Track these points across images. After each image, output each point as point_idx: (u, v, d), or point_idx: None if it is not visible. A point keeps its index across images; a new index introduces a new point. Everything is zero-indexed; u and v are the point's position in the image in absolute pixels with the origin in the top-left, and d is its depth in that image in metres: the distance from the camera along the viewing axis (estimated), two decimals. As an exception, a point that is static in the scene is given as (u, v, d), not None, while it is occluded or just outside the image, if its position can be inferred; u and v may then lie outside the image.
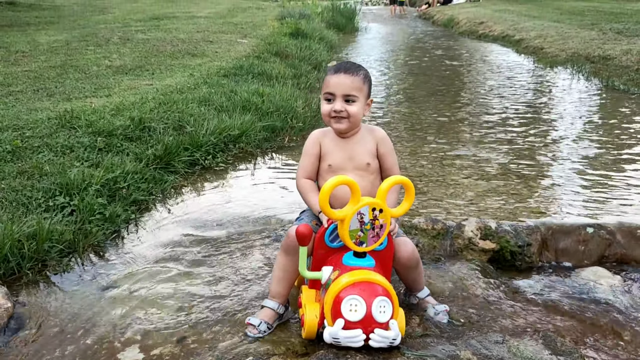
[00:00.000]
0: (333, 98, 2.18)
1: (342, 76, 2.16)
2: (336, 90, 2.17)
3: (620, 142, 4.60)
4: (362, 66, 2.26)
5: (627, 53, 8.09)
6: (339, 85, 2.16)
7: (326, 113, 2.21)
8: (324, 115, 2.23)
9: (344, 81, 2.16)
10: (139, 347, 2.05)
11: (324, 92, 2.21)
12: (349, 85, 2.16)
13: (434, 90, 7.17)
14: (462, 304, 2.35)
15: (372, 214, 1.94)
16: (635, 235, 2.80)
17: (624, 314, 2.34)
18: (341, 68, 2.19)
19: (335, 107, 2.18)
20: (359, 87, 2.18)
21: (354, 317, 1.85)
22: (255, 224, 3.13)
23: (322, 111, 2.24)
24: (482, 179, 3.71)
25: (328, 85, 2.19)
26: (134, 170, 3.37)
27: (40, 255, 2.50)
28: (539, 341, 2.04)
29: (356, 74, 2.18)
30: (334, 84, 2.17)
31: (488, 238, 2.75)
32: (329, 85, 2.19)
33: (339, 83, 2.16)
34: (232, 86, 5.56)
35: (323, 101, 2.23)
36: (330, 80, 2.18)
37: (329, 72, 2.22)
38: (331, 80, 2.18)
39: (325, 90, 2.20)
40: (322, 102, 2.24)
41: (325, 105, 2.22)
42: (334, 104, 2.18)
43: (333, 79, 2.18)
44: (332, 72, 2.20)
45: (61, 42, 8.55)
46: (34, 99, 4.94)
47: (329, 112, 2.19)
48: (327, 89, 2.19)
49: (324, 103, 2.23)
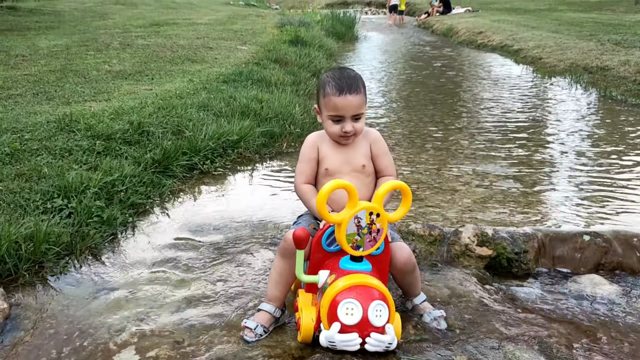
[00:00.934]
0: (342, 119, 2.17)
1: (349, 98, 2.12)
2: (345, 113, 2.15)
3: (617, 152, 4.62)
4: (356, 72, 2.24)
5: (624, 64, 8.14)
6: (348, 108, 2.14)
7: (336, 133, 2.19)
8: (333, 135, 2.21)
9: (351, 102, 2.13)
10: (134, 349, 2.05)
11: (331, 114, 2.16)
12: (355, 105, 2.15)
13: (432, 99, 7.20)
14: (458, 310, 2.35)
15: (369, 218, 1.95)
16: (632, 244, 2.81)
17: (620, 321, 2.35)
18: (344, 87, 2.13)
19: (346, 128, 2.16)
20: (364, 101, 2.19)
21: (350, 321, 1.86)
22: (252, 228, 3.13)
23: (329, 131, 2.21)
24: (480, 187, 3.72)
25: (336, 108, 2.14)
26: (132, 174, 3.38)
27: (37, 257, 2.50)
28: (535, 347, 2.05)
29: (359, 90, 2.16)
30: (342, 106, 2.13)
31: (485, 244, 2.75)
32: (337, 108, 2.14)
33: (347, 105, 2.13)
34: (231, 92, 5.57)
35: (328, 121, 2.19)
36: (337, 103, 2.13)
37: (330, 88, 2.15)
38: (338, 102, 2.13)
39: (333, 112, 2.15)
40: (326, 120, 2.20)
41: (333, 126, 2.18)
42: (343, 124, 2.16)
43: (340, 101, 2.13)
44: (335, 92, 2.13)
45: (61, 47, 8.58)
46: (33, 103, 4.95)
47: (339, 132, 2.18)
48: (336, 112, 2.15)
49: (330, 123, 2.19)
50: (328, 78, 2.19)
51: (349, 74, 2.20)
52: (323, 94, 2.18)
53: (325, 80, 2.19)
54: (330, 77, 2.19)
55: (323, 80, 2.21)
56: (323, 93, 2.18)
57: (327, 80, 2.18)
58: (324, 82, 2.20)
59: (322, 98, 2.20)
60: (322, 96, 2.20)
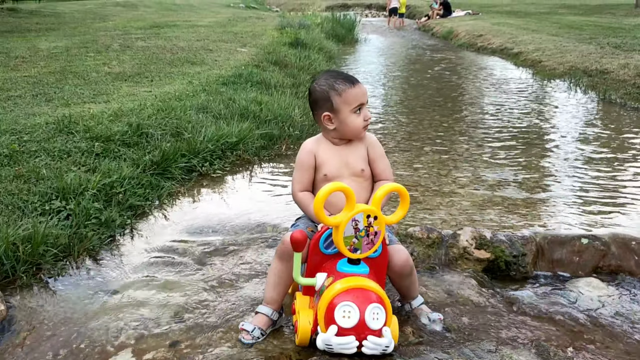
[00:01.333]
0: (361, 108, 2.21)
1: (359, 86, 2.21)
2: (363, 99, 2.21)
3: (615, 156, 4.62)
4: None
5: (624, 67, 8.14)
6: (363, 95, 2.21)
7: (361, 125, 2.22)
8: (358, 128, 2.22)
9: (363, 90, 2.22)
10: (131, 351, 2.05)
11: (354, 106, 2.18)
12: (365, 92, 2.24)
13: (432, 102, 7.20)
14: (456, 313, 2.35)
15: (367, 220, 1.95)
16: (630, 247, 2.81)
17: (617, 324, 2.34)
18: (351, 78, 2.22)
19: (366, 115, 2.23)
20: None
21: (347, 324, 1.86)
22: (250, 230, 3.14)
23: (353, 126, 2.21)
24: (478, 190, 3.72)
25: (357, 98, 2.18)
26: (130, 176, 3.38)
27: (35, 258, 2.50)
28: (532, 350, 2.05)
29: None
30: (361, 94, 2.20)
31: (483, 248, 2.75)
32: (357, 97, 2.18)
33: (362, 92, 2.21)
34: (231, 94, 5.58)
35: (351, 114, 2.19)
36: (357, 92, 2.18)
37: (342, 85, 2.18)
38: (358, 92, 2.19)
39: (356, 103, 2.18)
40: (349, 117, 2.19)
41: (356, 118, 2.20)
42: (364, 112, 2.21)
43: (356, 90, 2.19)
44: (349, 85, 2.18)
45: (61, 49, 8.58)
46: (32, 104, 4.95)
47: (362, 123, 2.22)
48: (358, 101, 2.19)
49: (354, 117, 2.19)
50: (330, 79, 2.21)
51: (339, 71, 2.30)
52: (337, 93, 2.18)
53: (329, 83, 2.20)
54: (330, 78, 2.21)
55: (325, 85, 2.20)
56: (337, 93, 2.18)
57: (331, 82, 2.20)
58: (329, 86, 2.19)
59: (337, 98, 2.18)
60: (336, 96, 2.18)
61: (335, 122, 2.22)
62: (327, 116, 2.22)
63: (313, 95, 2.25)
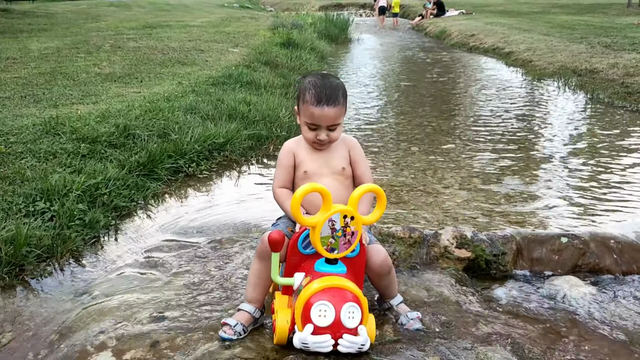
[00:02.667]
0: (317, 128, 2.20)
1: (326, 110, 2.15)
2: (321, 123, 2.18)
3: (600, 155, 4.66)
4: (338, 82, 2.24)
5: (613, 67, 8.19)
6: (324, 119, 2.17)
7: (310, 139, 2.23)
8: (307, 140, 2.25)
9: (327, 114, 2.16)
10: (111, 351, 2.06)
11: (308, 122, 2.20)
12: (332, 117, 2.17)
13: (421, 102, 7.23)
14: (435, 311, 2.37)
15: (344, 221, 1.97)
16: (608, 246, 2.84)
17: (595, 322, 2.37)
18: (322, 98, 2.15)
19: (320, 137, 2.20)
20: (341, 113, 2.21)
21: (322, 323, 1.88)
22: (235, 231, 3.16)
23: (305, 135, 2.25)
24: (463, 189, 3.75)
25: (312, 117, 2.17)
26: (116, 177, 3.39)
27: (18, 260, 2.51)
28: (507, 348, 2.07)
29: (337, 102, 2.17)
30: (319, 117, 2.16)
31: (464, 247, 2.78)
32: (313, 117, 2.17)
33: (323, 116, 2.16)
34: (220, 95, 5.59)
35: (305, 126, 2.22)
36: (314, 113, 2.16)
37: (309, 96, 2.16)
38: (315, 112, 2.16)
39: (310, 120, 2.19)
40: (303, 125, 2.24)
41: (309, 132, 2.22)
42: (318, 132, 2.20)
43: (317, 111, 2.15)
44: (313, 102, 2.15)
45: (52, 49, 8.57)
46: (20, 105, 4.95)
47: (313, 139, 2.22)
48: (312, 120, 2.18)
49: (306, 129, 2.22)
50: (309, 85, 2.20)
51: (330, 84, 2.20)
52: (302, 100, 2.20)
53: (307, 87, 2.20)
54: (311, 84, 2.20)
55: (304, 85, 2.22)
56: (303, 99, 2.20)
57: (307, 87, 2.19)
58: (304, 88, 2.21)
59: (301, 103, 2.22)
60: (301, 101, 2.22)
61: (299, 120, 2.29)
62: (296, 111, 2.31)
63: (300, 85, 2.29)
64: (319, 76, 2.25)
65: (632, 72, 7.72)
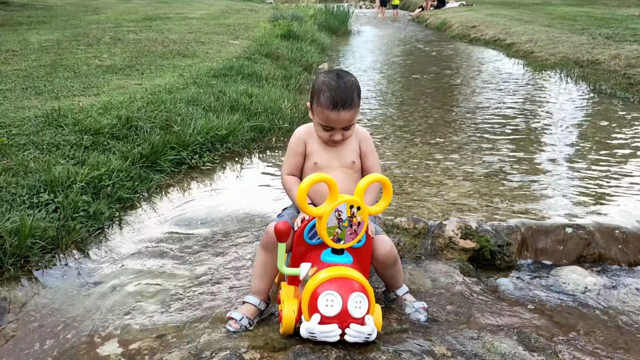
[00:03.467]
0: (332, 129, 2.19)
1: (342, 114, 2.13)
2: (337, 125, 2.17)
3: (603, 146, 4.65)
4: (353, 81, 2.19)
5: (615, 58, 8.17)
6: (339, 122, 2.16)
7: (325, 138, 2.23)
8: (321, 138, 2.24)
9: (343, 118, 2.14)
10: (117, 341, 2.07)
11: (322, 124, 2.18)
12: (347, 120, 2.16)
13: (423, 93, 7.22)
14: (440, 302, 2.38)
15: (350, 211, 1.96)
16: (613, 236, 2.84)
17: (600, 312, 2.38)
18: (338, 102, 2.11)
19: (335, 138, 2.20)
20: (356, 113, 2.19)
21: (330, 312, 1.88)
22: (239, 222, 3.15)
23: (318, 134, 2.24)
24: (466, 180, 3.75)
25: (327, 120, 2.15)
26: (119, 169, 3.38)
27: (22, 251, 2.51)
28: (514, 337, 2.07)
29: (352, 104, 2.14)
30: (334, 120, 2.15)
31: (468, 237, 2.78)
32: (328, 120, 2.15)
33: (338, 120, 2.15)
34: (222, 86, 5.57)
35: (318, 126, 2.21)
36: (329, 117, 2.14)
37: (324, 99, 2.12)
38: (330, 117, 2.14)
39: (325, 123, 2.17)
40: (316, 124, 2.22)
41: (323, 132, 2.21)
42: (332, 133, 2.19)
43: (332, 116, 2.13)
44: (329, 106, 2.12)
45: (52, 42, 8.54)
46: (22, 97, 4.94)
47: (328, 138, 2.21)
48: (327, 123, 2.17)
49: (320, 129, 2.21)
50: (324, 86, 2.15)
51: (345, 84, 2.15)
52: (317, 101, 2.17)
53: (321, 88, 2.15)
54: (326, 86, 2.14)
55: (319, 86, 2.17)
56: (317, 101, 2.17)
57: (322, 89, 2.15)
58: (319, 89, 2.16)
59: (315, 104, 2.19)
60: (315, 103, 2.18)
61: (312, 116, 2.27)
62: (309, 107, 2.27)
63: (314, 83, 2.25)
64: (334, 76, 2.18)
65: (633, 63, 7.70)
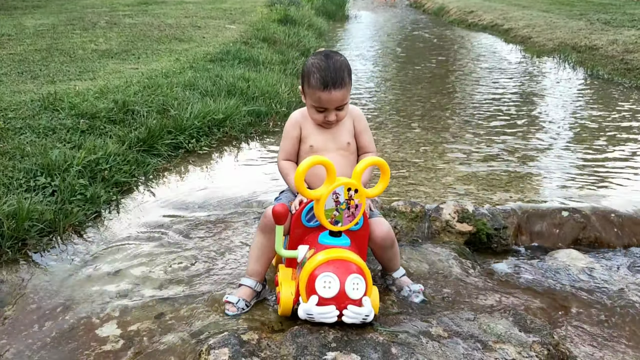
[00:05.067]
0: (325, 110, 2.18)
1: (333, 93, 2.12)
2: (329, 106, 2.16)
3: (600, 131, 4.66)
4: (342, 60, 2.19)
5: (612, 43, 8.15)
6: (332, 102, 2.15)
7: (319, 120, 2.22)
8: (315, 121, 2.24)
9: (335, 97, 2.14)
10: (116, 323, 2.08)
11: (315, 105, 2.18)
12: (339, 99, 2.16)
13: (421, 78, 7.20)
14: (437, 284, 2.39)
15: (348, 193, 1.97)
16: (609, 219, 2.86)
17: (595, 294, 2.40)
18: (329, 82, 2.11)
19: (329, 118, 2.20)
20: (348, 92, 2.19)
21: (327, 294, 1.89)
22: (236, 206, 3.16)
23: (312, 117, 2.24)
24: (463, 164, 3.75)
25: (320, 101, 2.15)
26: (116, 152, 3.38)
27: (20, 234, 2.51)
28: (510, 319, 2.09)
29: (343, 84, 2.14)
30: (327, 101, 2.14)
31: (465, 221, 2.79)
32: (320, 101, 2.15)
33: (330, 100, 2.14)
34: (218, 71, 5.55)
35: (312, 108, 2.21)
36: (321, 97, 2.13)
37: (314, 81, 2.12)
38: (322, 97, 2.13)
39: (317, 104, 2.17)
40: (310, 107, 2.22)
41: (317, 114, 2.21)
42: (326, 114, 2.19)
43: (324, 96, 2.13)
44: (320, 87, 2.11)
45: (47, 26, 8.47)
46: (17, 82, 4.91)
47: (322, 120, 2.21)
48: (319, 104, 2.16)
49: (314, 111, 2.21)
50: (314, 68, 2.15)
51: (334, 65, 2.15)
52: (308, 83, 2.17)
53: (311, 70, 2.16)
54: (316, 67, 2.15)
55: (308, 68, 2.18)
56: (308, 83, 2.17)
57: (312, 70, 2.15)
58: (309, 71, 2.16)
59: (306, 87, 2.19)
60: (306, 85, 2.18)
61: (304, 100, 2.27)
62: (301, 91, 2.27)
63: (304, 66, 2.25)
64: (323, 57, 2.18)
65: (631, 48, 7.69)
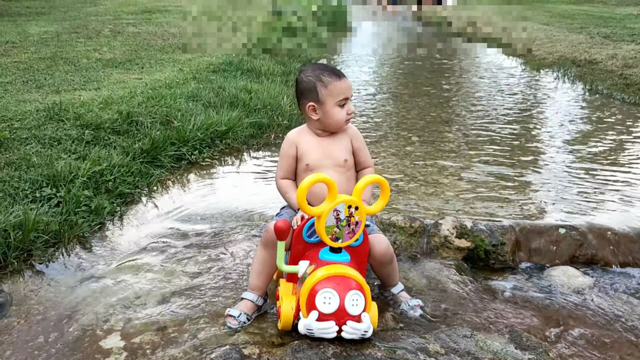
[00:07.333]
0: (345, 101, 2.29)
1: (345, 80, 2.29)
2: (348, 93, 2.29)
3: (599, 147, 4.70)
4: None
5: (612, 57, 8.21)
6: (348, 89, 2.30)
7: (343, 118, 2.31)
8: (341, 121, 2.31)
9: (348, 84, 2.31)
10: (120, 335, 2.12)
11: (339, 99, 2.27)
12: (350, 86, 2.32)
13: (421, 91, 7.25)
14: (435, 300, 2.43)
15: (348, 211, 2.01)
16: (606, 237, 2.90)
17: (591, 312, 2.43)
18: (338, 72, 2.29)
19: (350, 109, 2.31)
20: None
21: (327, 310, 1.93)
22: (238, 218, 3.20)
23: (337, 118, 2.30)
24: (463, 180, 3.79)
25: (342, 91, 2.27)
26: (120, 164, 3.42)
27: (25, 245, 2.55)
28: (506, 336, 2.13)
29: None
30: (346, 88, 2.29)
31: (463, 237, 2.83)
32: (343, 90, 2.27)
33: (347, 87, 2.30)
34: (221, 82, 5.61)
35: (335, 108, 2.28)
36: (342, 86, 2.27)
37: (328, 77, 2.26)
38: (343, 85, 2.27)
39: (342, 96, 2.27)
40: (333, 109, 2.28)
41: (340, 111, 2.29)
42: (347, 106, 2.30)
43: (343, 84, 2.28)
44: (335, 78, 2.26)
45: (51, 34, 8.55)
46: (22, 91, 4.97)
47: (345, 117, 2.31)
48: (343, 94, 2.27)
49: (338, 110, 2.28)
50: (317, 71, 2.29)
51: (327, 64, 2.37)
52: (323, 85, 2.26)
53: (316, 75, 2.28)
54: (317, 70, 2.30)
55: (312, 76, 2.29)
56: (323, 85, 2.26)
57: (318, 74, 2.28)
58: (315, 77, 2.28)
59: (322, 90, 2.27)
60: (322, 88, 2.27)
61: (319, 113, 2.30)
62: (312, 106, 2.31)
63: (300, 85, 2.33)
64: (311, 66, 2.39)
65: (630, 63, 7.75)
